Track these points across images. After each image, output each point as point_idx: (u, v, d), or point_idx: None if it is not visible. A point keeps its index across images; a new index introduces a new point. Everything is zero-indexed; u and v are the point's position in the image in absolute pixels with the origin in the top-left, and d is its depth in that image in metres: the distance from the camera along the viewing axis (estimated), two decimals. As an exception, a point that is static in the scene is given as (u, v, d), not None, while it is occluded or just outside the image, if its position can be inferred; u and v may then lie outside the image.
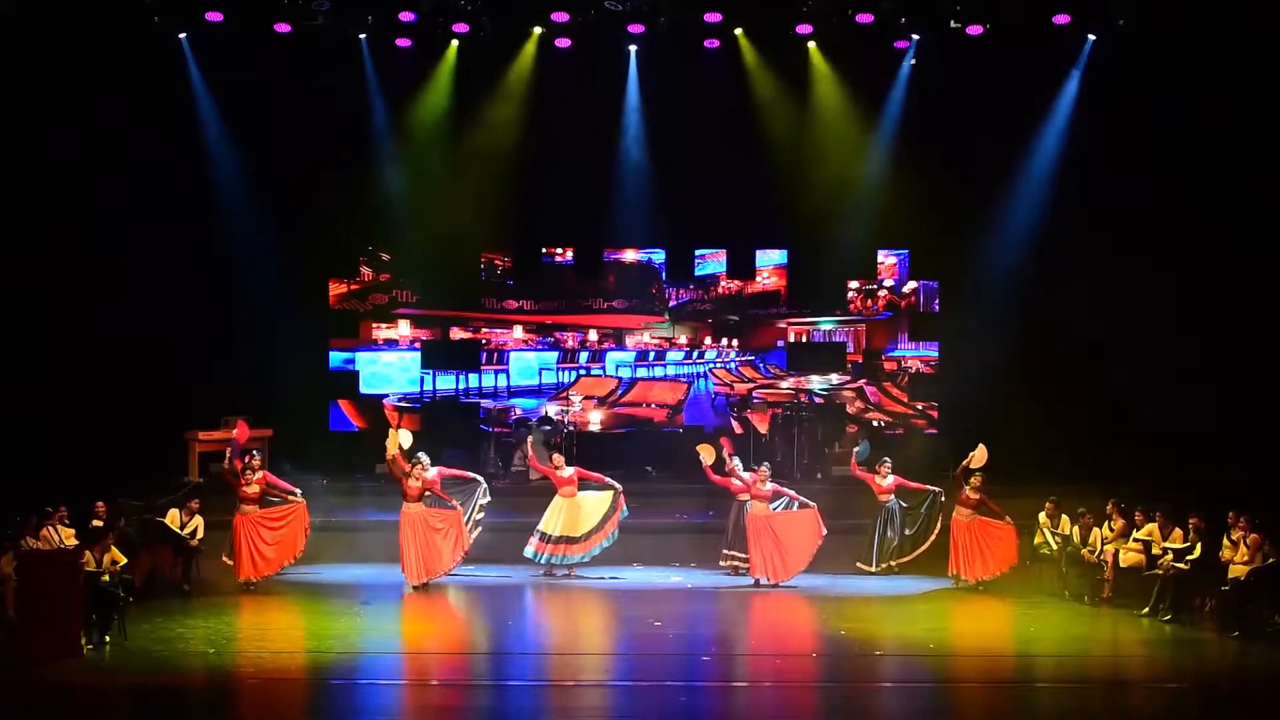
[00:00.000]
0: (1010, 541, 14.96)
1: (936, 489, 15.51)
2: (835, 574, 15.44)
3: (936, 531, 15.39)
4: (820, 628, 13.54)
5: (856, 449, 15.73)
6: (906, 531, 15.55)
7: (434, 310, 20.41)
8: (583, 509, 15.33)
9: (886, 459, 15.57)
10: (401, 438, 15.21)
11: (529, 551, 15.30)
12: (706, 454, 15.46)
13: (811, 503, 15.26)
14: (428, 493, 14.81)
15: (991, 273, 18.88)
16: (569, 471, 15.43)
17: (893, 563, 15.50)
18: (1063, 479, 16.18)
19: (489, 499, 15.31)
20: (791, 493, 15.33)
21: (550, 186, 19.05)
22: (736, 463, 15.46)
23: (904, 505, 15.62)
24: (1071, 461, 17.10)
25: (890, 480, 15.52)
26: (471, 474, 15.64)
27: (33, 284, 17.11)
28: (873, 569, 15.42)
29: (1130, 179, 17.77)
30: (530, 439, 16.29)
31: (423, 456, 14.93)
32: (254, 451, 15.36)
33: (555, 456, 15.58)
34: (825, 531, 15.16)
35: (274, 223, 18.82)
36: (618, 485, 15.38)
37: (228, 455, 15.30)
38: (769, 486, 15.16)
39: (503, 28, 18.41)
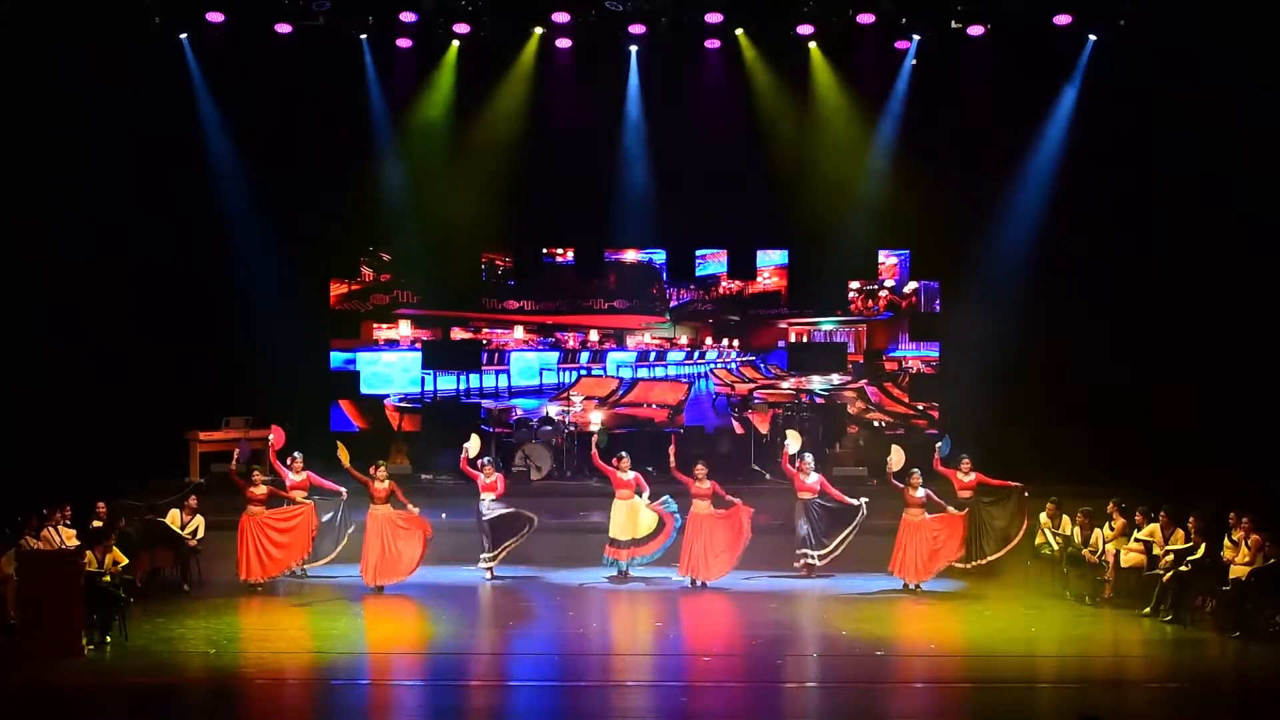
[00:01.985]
0: (957, 533, 14.86)
1: (1019, 484, 15.16)
2: (835, 574, 15.42)
3: (1023, 530, 15.02)
4: (822, 628, 13.53)
5: (938, 445, 15.46)
6: (991, 533, 15.12)
7: (435, 310, 20.42)
8: (641, 512, 15.25)
9: (966, 456, 15.36)
10: (471, 445, 15.28)
11: (606, 559, 15.26)
12: (794, 440, 15.48)
13: (748, 508, 15.12)
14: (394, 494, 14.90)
15: (992, 273, 18.86)
16: (630, 475, 15.30)
17: (979, 561, 15.09)
18: (1063, 479, 16.17)
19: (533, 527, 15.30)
20: (725, 493, 15.20)
21: (551, 186, 19.05)
22: (808, 459, 15.37)
23: (984, 502, 15.19)
24: (1072, 461, 17.07)
25: (972, 477, 15.26)
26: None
27: (34, 284, 17.11)
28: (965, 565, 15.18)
29: (1131, 179, 17.75)
30: (595, 439, 16.13)
31: (486, 460, 15.32)
32: (296, 454, 15.34)
33: (621, 459, 15.43)
34: (750, 535, 15.04)
35: (275, 223, 18.83)
36: (684, 478, 15.26)
37: (235, 457, 15.26)
38: (707, 484, 15.13)
39: (503, 28, 18.42)
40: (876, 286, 20.30)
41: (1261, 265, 16.96)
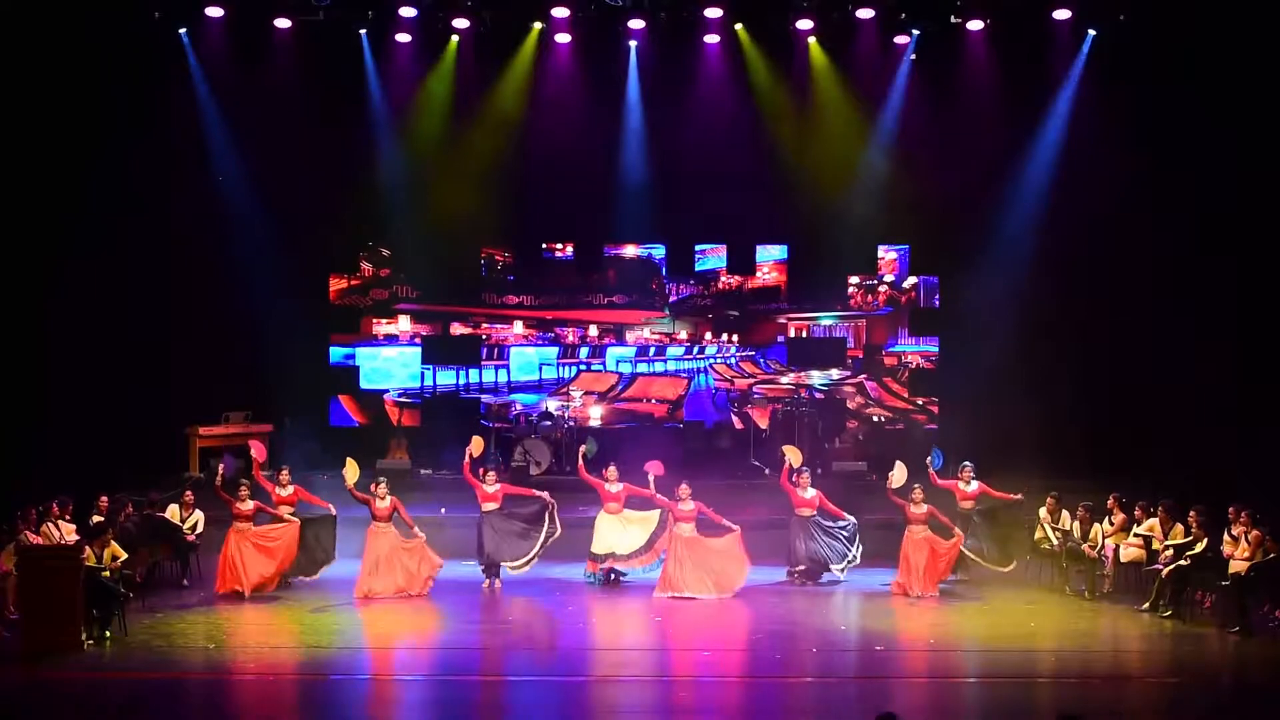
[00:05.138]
0: (953, 554, 14.55)
1: (1019, 496, 14.94)
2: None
3: (1012, 563, 14.82)
4: (819, 623, 13.53)
5: (929, 459, 15.07)
6: (994, 541, 14.85)
7: (434, 305, 20.43)
8: (628, 527, 14.82)
9: (967, 464, 15.12)
10: (474, 446, 14.84)
11: (586, 575, 14.86)
12: (794, 456, 15.09)
13: (735, 526, 14.56)
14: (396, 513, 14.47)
15: (992, 268, 18.84)
16: (618, 487, 14.88)
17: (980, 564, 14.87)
18: (1063, 474, 16.16)
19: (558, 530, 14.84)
20: (712, 513, 14.59)
21: (550, 182, 19.06)
22: (806, 474, 15.00)
23: (982, 513, 14.92)
24: (1071, 456, 17.07)
25: (974, 486, 15.04)
26: (538, 493, 15.06)
27: (35, 279, 17.09)
28: (957, 575, 14.96)
29: (1131, 174, 17.73)
30: (582, 450, 15.61)
31: (490, 467, 15.03)
32: (284, 467, 15.07)
33: (609, 470, 15.06)
34: (749, 563, 14.53)
35: (274, 218, 18.80)
36: (666, 502, 14.67)
37: (220, 472, 14.80)
38: (691, 506, 14.54)
39: (503, 23, 18.40)
40: (876, 281, 20.30)
41: (1262, 261, 16.94)
